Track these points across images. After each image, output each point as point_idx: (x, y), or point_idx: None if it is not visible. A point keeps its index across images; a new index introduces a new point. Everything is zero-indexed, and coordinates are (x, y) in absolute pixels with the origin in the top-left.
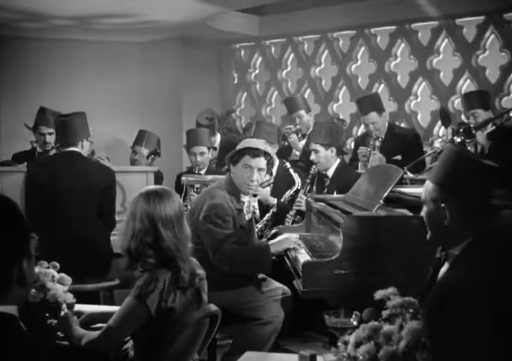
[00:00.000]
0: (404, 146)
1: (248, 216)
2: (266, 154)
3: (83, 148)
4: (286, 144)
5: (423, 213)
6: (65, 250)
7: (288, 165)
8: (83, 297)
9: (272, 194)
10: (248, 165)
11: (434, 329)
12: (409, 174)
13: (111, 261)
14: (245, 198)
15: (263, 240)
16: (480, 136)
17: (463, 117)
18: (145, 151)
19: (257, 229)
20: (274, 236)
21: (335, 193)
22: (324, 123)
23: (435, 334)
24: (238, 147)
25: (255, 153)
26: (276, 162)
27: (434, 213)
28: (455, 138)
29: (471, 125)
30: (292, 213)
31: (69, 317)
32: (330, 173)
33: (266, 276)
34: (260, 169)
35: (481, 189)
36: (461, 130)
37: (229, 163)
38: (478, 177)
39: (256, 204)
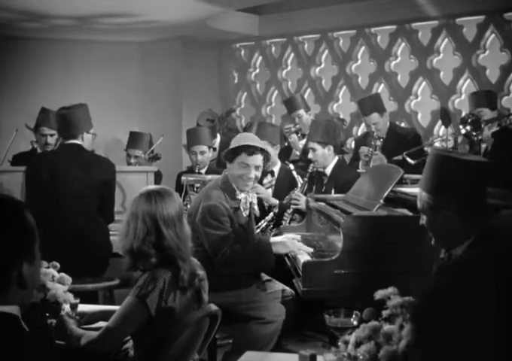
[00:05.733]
0: (405, 146)
1: (245, 213)
2: (262, 150)
3: (83, 141)
4: (286, 144)
5: (423, 221)
6: (63, 248)
7: (291, 166)
8: (82, 297)
9: (274, 196)
10: (244, 163)
11: (425, 334)
12: (409, 160)
13: (109, 259)
14: (241, 195)
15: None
16: (486, 133)
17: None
18: (139, 152)
19: (258, 230)
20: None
21: (333, 191)
22: (320, 122)
23: (427, 339)
24: (233, 143)
25: (251, 150)
26: (278, 163)
27: (435, 221)
28: (461, 127)
29: (481, 118)
30: (289, 211)
31: (64, 320)
32: (328, 171)
33: (270, 277)
34: (257, 167)
35: (473, 187)
36: (469, 120)
37: (225, 160)
38: (467, 176)
39: (255, 200)
